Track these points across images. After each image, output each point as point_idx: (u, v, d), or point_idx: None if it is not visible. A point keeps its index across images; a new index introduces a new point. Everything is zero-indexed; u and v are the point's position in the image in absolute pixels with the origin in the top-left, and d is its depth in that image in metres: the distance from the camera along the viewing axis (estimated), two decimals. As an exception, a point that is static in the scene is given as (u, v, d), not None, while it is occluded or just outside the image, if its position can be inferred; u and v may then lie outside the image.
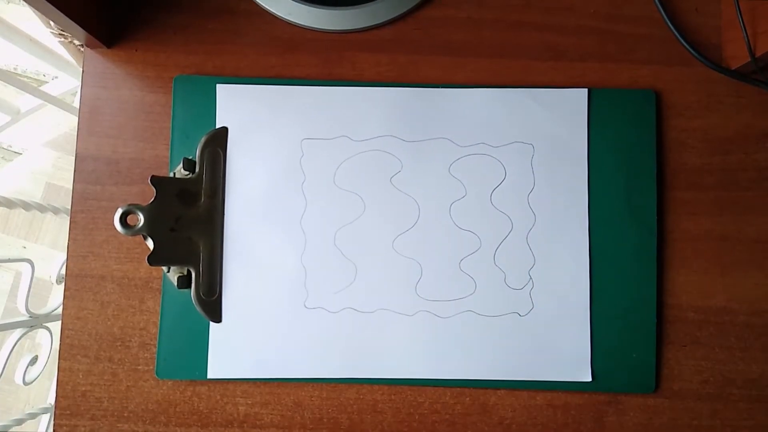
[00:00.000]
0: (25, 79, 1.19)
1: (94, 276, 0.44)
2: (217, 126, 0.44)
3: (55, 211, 0.83)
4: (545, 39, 0.47)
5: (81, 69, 0.46)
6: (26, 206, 0.76)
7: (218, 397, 0.44)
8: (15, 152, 1.34)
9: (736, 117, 0.46)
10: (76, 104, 0.46)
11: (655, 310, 0.44)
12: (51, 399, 0.95)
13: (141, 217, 0.39)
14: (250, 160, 0.44)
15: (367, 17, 0.46)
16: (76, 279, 0.44)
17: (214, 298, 0.43)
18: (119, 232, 0.38)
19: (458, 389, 0.44)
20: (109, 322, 0.44)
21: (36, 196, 1.30)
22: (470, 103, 0.45)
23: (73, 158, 0.45)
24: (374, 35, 0.47)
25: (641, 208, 0.45)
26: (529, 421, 0.44)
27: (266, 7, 0.46)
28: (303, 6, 0.46)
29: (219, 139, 0.44)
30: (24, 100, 1.16)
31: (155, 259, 0.39)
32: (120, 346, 0.44)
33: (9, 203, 0.72)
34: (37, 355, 0.74)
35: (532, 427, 0.44)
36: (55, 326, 0.73)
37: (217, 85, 0.45)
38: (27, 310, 0.70)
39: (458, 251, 0.44)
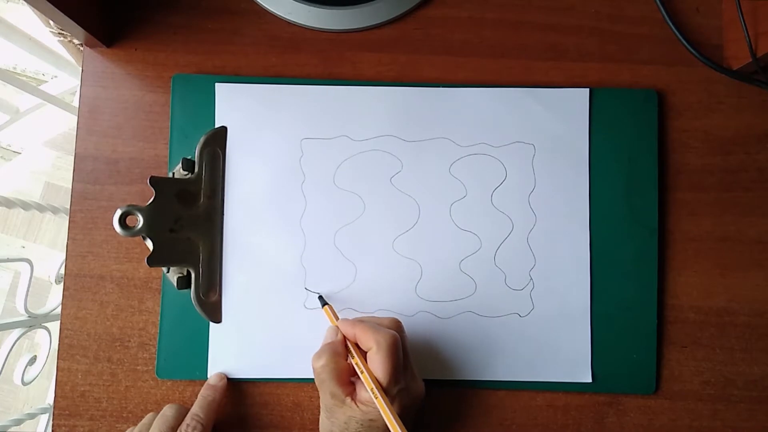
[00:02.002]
0: (25, 79, 1.19)
1: (93, 276, 0.44)
2: (216, 125, 0.44)
3: (54, 210, 0.82)
4: (546, 39, 0.47)
5: (80, 68, 0.46)
6: (25, 206, 0.76)
7: (218, 398, 0.43)
8: (14, 151, 1.34)
9: (737, 117, 0.46)
10: (76, 103, 0.46)
11: (656, 311, 0.44)
12: (50, 399, 0.95)
13: (140, 218, 0.39)
14: (249, 160, 0.44)
15: (367, 17, 0.46)
16: (75, 279, 0.44)
17: (214, 298, 0.43)
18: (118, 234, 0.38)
19: (458, 390, 0.44)
20: (108, 322, 0.44)
21: (35, 195, 1.30)
22: (471, 102, 0.45)
23: (73, 158, 0.45)
24: (375, 35, 0.46)
25: (642, 208, 0.44)
26: (529, 421, 0.44)
27: (266, 6, 0.46)
28: (303, 5, 0.45)
29: (218, 138, 0.44)
30: (23, 100, 1.16)
31: (154, 260, 0.39)
32: (119, 346, 0.44)
33: (8, 203, 0.72)
34: (35, 355, 0.74)
35: (533, 428, 0.44)
36: (54, 326, 0.73)
37: (216, 84, 0.44)
38: (26, 309, 0.70)
39: (458, 252, 0.44)
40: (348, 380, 0.37)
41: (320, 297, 0.43)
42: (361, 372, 0.35)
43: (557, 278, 0.44)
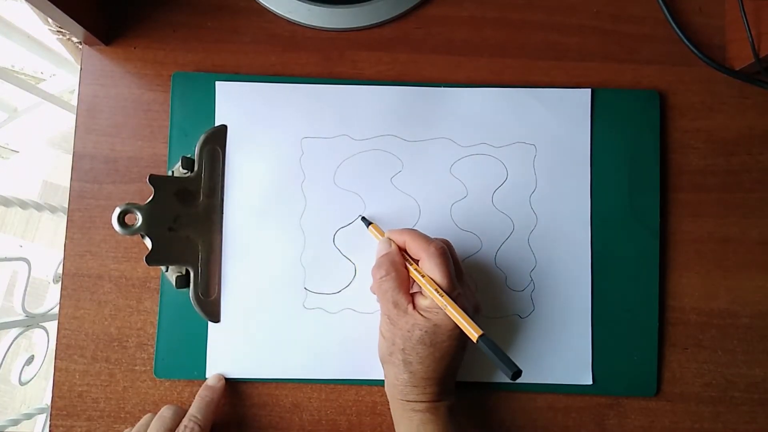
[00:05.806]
0: (23, 77, 1.19)
1: (91, 275, 0.44)
2: (216, 124, 0.44)
3: (53, 209, 0.82)
4: (548, 38, 0.46)
5: (79, 66, 0.45)
6: (23, 205, 0.75)
7: (216, 399, 0.43)
8: (12, 150, 1.33)
9: (739, 118, 0.46)
10: (74, 102, 0.46)
11: (657, 313, 0.44)
12: (47, 399, 0.94)
13: (139, 217, 0.38)
14: (249, 158, 0.44)
15: (368, 15, 0.46)
16: (73, 278, 0.44)
17: (213, 297, 0.43)
18: (117, 232, 0.38)
19: (457, 391, 0.43)
20: (106, 322, 0.43)
21: (33, 194, 1.30)
22: (472, 102, 0.45)
23: (71, 156, 0.45)
24: (375, 33, 0.46)
25: (644, 209, 0.44)
26: (529, 423, 0.44)
27: (266, 5, 0.46)
28: (303, 4, 0.45)
29: (218, 137, 0.44)
30: (22, 98, 1.15)
31: (153, 258, 0.39)
32: (117, 346, 0.43)
33: (6, 201, 0.72)
34: (33, 355, 0.73)
35: (533, 430, 0.44)
36: (52, 326, 0.72)
37: (216, 83, 0.44)
38: (23, 309, 0.70)
39: (459, 252, 0.43)
40: (408, 289, 0.38)
41: (363, 218, 0.43)
42: (423, 276, 0.36)
43: (558, 279, 0.44)
